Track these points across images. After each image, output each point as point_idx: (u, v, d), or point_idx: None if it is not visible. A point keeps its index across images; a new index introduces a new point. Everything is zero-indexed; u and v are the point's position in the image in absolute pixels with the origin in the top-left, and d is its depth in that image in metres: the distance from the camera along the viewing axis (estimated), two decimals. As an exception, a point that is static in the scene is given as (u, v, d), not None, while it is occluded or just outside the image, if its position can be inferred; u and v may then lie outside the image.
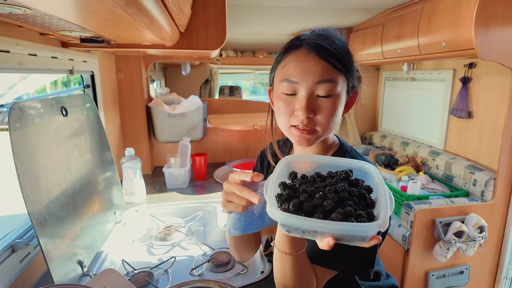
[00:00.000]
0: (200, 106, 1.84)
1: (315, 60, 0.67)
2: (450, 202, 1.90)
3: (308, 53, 0.67)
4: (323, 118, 0.69)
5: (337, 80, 0.68)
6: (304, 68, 0.67)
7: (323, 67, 0.67)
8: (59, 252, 0.79)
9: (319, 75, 0.66)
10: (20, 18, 0.66)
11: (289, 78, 0.68)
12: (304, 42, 0.69)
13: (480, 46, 1.59)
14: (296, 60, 0.68)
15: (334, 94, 0.68)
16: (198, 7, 1.12)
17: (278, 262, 0.64)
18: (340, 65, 0.68)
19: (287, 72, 0.69)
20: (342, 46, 0.70)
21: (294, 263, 0.62)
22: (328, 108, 0.68)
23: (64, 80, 1.79)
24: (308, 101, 0.67)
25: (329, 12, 2.44)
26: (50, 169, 0.83)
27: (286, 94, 0.70)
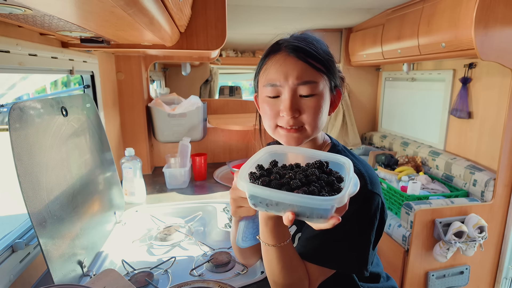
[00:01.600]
0: (200, 106, 1.84)
1: (294, 62, 0.68)
2: (450, 202, 1.90)
3: (287, 55, 0.69)
4: (309, 117, 0.70)
5: (318, 80, 0.69)
6: (285, 70, 0.68)
7: (302, 68, 0.68)
8: (59, 252, 0.79)
9: (299, 77, 0.68)
10: (20, 18, 0.66)
11: (272, 82, 0.70)
12: (283, 46, 0.70)
13: (480, 46, 1.59)
14: (276, 63, 0.69)
15: (316, 93, 0.69)
16: (198, 7, 1.12)
17: (265, 255, 0.65)
18: (320, 65, 0.69)
19: (268, 76, 0.70)
20: (320, 47, 0.71)
21: (280, 255, 0.63)
22: (313, 107, 0.69)
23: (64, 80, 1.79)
24: (291, 102, 0.68)
25: (329, 12, 2.44)
26: (50, 169, 0.83)
27: (270, 97, 0.71)
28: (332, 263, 0.68)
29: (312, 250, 0.68)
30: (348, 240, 0.67)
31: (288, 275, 0.65)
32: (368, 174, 0.70)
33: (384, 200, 0.72)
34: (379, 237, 0.73)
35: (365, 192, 0.67)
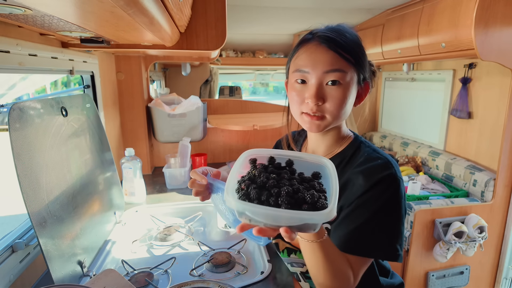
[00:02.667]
0: (200, 107, 1.84)
1: (325, 51, 0.71)
2: (450, 202, 1.90)
3: (319, 45, 0.71)
4: (332, 105, 0.72)
5: (346, 70, 0.71)
6: (314, 58, 0.71)
7: (332, 57, 0.70)
8: (59, 253, 0.79)
9: (328, 65, 0.70)
10: (20, 18, 0.66)
11: (300, 68, 0.73)
12: (316, 35, 0.73)
13: (480, 46, 1.59)
14: (307, 51, 0.73)
15: (342, 82, 0.71)
16: (198, 8, 1.12)
17: (308, 253, 0.66)
18: (350, 56, 0.71)
19: (299, 62, 0.74)
20: (352, 39, 0.73)
21: (322, 249, 0.64)
22: (337, 96, 0.71)
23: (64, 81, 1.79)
24: (317, 89, 0.71)
25: (329, 12, 2.44)
26: (50, 169, 0.83)
27: (298, 83, 0.74)
28: (375, 252, 0.70)
29: (354, 242, 0.69)
30: (385, 227, 0.70)
31: (332, 269, 0.66)
32: (384, 161, 0.73)
33: (401, 176, 0.75)
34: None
35: (393, 179, 0.70)
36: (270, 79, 5.49)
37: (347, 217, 0.71)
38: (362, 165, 0.73)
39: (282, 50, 3.90)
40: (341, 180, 0.74)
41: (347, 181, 0.74)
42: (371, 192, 0.69)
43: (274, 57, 3.93)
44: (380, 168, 0.71)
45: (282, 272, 0.94)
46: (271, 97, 9.21)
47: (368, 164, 0.73)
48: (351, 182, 0.73)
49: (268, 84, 6.77)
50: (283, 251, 0.89)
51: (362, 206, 0.70)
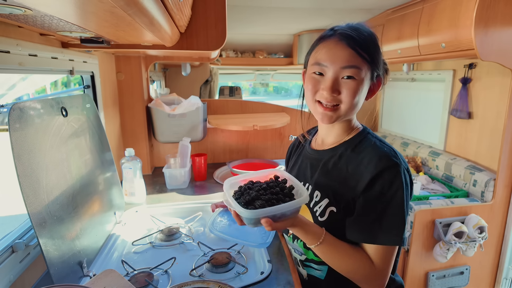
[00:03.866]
0: (200, 107, 1.84)
1: (344, 48, 0.76)
2: (450, 202, 1.90)
3: (339, 41, 0.77)
4: (346, 97, 0.78)
5: (361, 67, 0.76)
6: (333, 54, 0.77)
7: (350, 54, 0.76)
8: (59, 253, 0.79)
9: (345, 61, 0.76)
10: (20, 18, 0.66)
11: (320, 62, 0.78)
12: (337, 32, 0.78)
13: (480, 46, 1.59)
14: (327, 47, 0.78)
15: (357, 78, 0.77)
16: (198, 8, 1.12)
17: (321, 255, 0.80)
18: (366, 54, 0.76)
19: (318, 56, 0.79)
20: (370, 38, 0.79)
21: (327, 249, 0.77)
22: (351, 89, 0.77)
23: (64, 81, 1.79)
24: (333, 82, 0.77)
25: (329, 12, 2.44)
26: (50, 169, 0.83)
27: (316, 74, 0.80)
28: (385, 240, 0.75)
29: (368, 233, 0.76)
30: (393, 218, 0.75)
31: (346, 262, 0.77)
32: (390, 149, 0.78)
33: (408, 166, 0.79)
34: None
35: (399, 167, 0.75)
36: (270, 79, 5.49)
37: (360, 212, 0.77)
38: (369, 153, 0.78)
39: (282, 50, 3.90)
40: (348, 166, 0.82)
41: (354, 169, 0.80)
42: (379, 181, 0.74)
43: (274, 57, 3.93)
44: (385, 156, 0.76)
45: (282, 272, 0.94)
46: (271, 97, 9.21)
47: (374, 152, 0.78)
48: (358, 170, 0.78)
49: (268, 84, 6.76)
50: (290, 236, 0.95)
51: (373, 200, 0.75)
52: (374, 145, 0.80)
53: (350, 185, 0.79)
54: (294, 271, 0.96)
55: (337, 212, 0.81)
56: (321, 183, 0.86)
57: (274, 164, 1.82)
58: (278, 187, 0.81)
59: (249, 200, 0.76)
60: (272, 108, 2.27)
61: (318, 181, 0.87)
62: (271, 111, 2.27)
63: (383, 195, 0.74)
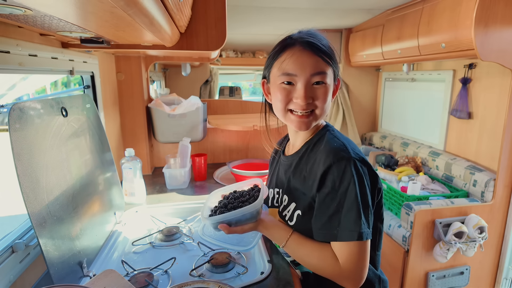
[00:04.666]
0: (200, 107, 1.84)
1: (310, 56, 0.79)
2: (450, 202, 1.90)
3: (303, 49, 0.79)
4: (320, 102, 0.81)
5: (327, 71, 0.80)
6: (302, 62, 0.79)
7: (316, 61, 0.79)
8: (59, 253, 0.79)
9: (314, 68, 0.79)
10: (20, 18, 0.66)
11: (288, 72, 0.80)
12: (298, 41, 0.80)
13: (480, 46, 1.59)
14: (293, 56, 0.79)
15: (325, 82, 0.80)
16: (198, 8, 1.12)
17: (291, 255, 0.85)
18: (328, 58, 0.80)
19: (286, 66, 0.80)
20: (327, 43, 0.83)
21: (294, 248, 0.82)
22: (322, 93, 0.80)
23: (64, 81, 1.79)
24: (306, 90, 0.79)
25: (329, 12, 2.44)
26: (50, 169, 0.83)
27: (285, 84, 0.81)
28: (344, 236, 0.74)
29: (326, 232, 0.77)
30: (350, 211, 0.74)
31: (311, 260, 0.80)
32: (340, 144, 0.80)
33: (363, 157, 0.78)
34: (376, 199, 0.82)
35: (347, 160, 0.75)
36: (270, 79, 5.47)
37: (318, 211, 0.79)
38: (321, 150, 0.81)
39: (282, 51, 3.89)
40: (307, 165, 0.84)
41: (310, 168, 0.82)
42: (329, 177, 0.75)
43: (274, 57, 3.92)
44: (333, 151, 0.77)
45: (282, 273, 0.94)
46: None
47: (325, 149, 0.80)
48: (313, 169, 0.81)
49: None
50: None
51: (326, 197, 0.77)
52: (327, 141, 0.82)
53: (308, 185, 0.81)
54: (293, 271, 0.96)
55: (303, 215, 0.83)
56: (289, 187, 0.89)
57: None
58: (248, 195, 0.91)
59: (217, 209, 0.89)
60: (272, 108, 2.27)
61: (287, 186, 0.90)
62: (271, 111, 2.27)
63: (335, 191, 0.75)
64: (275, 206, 0.96)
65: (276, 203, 0.96)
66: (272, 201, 0.98)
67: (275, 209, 0.95)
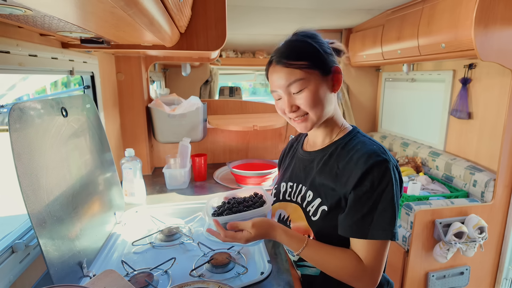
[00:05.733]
0: (200, 107, 1.84)
1: (280, 70, 0.82)
2: (450, 203, 1.90)
3: (275, 66, 0.83)
4: (306, 106, 0.82)
5: (303, 76, 0.80)
6: (276, 79, 0.83)
7: (287, 72, 0.81)
8: (58, 253, 0.79)
9: (286, 80, 0.81)
10: (20, 19, 0.66)
11: (272, 90, 0.86)
12: (272, 59, 0.85)
13: (480, 47, 1.59)
14: (271, 75, 0.85)
15: (306, 86, 0.81)
16: (198, 8, 1.12)
17: (308, 260, 0.83)
18: (302, 62, 0.80)
19: (270, 84, 0.87)
20: (301, 45, 0.83)
21: (312, 254, 0.81)
22: (305, 98, 0.81)
23: (64, 81, 1.79)
24: (288, 101, 0.83)
25: (329, 13, 2.44)
26: (50, 169, 0.83)
27: (277, 100, 0.88)
28: (377, 234, 0.76)
29: (359, 229, 0.77)
30: (384, 213, 0.76)
31: (331, 261, 0.80)
32: (379, 146, 0.81)
33: (397, 163, 0.81)
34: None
35: (388, 164, 0.77)
36: (270, 79, 5.47)
37: (351, 208, 0.78)
38: (358, 150, 0.81)
39: (282, 51, 3.89)
40: (339, 163, 0.84)
41: (344, 166, 0.82)
42: (368, 177, 0.76)
43: (274, 57, 3.92)
44: (375, 153, 0.78)
45: (282, 273, 0.94)
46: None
47: (364, 149, 0.80)
48: (348, 167, 0.80)
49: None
50: None
51: (363, 196, 0.77)
52: (364, 143, 0.83)
53: (341, 182, 0.81)
54: (293, 271, 0.96)
55: (328, 211, 0.83)
56: (314, 183, 0.88)
57: (274, 164, 1.82)
58: (252, 201, 0.94)
59: (221, 210, 0.91)
60: (272, 109, 2.27)
61: (311, 181, 0.89)
62: (271, 111, 2.27)
63: (373, 190, 0.76)
64: (286, 199, 0.95)
65: (288, 197, 0.95)
66: (284, 194, 0.97)
67: (287, 203, 0.95)
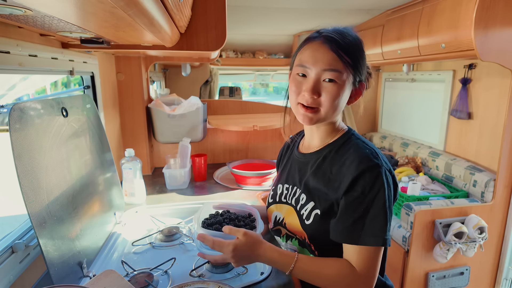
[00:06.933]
0: (200, 107, 1.84)
1: (326, 51, 0.77)
2: (450, 203, 1.90)
3: (322, 44, 0.78)
4: (326, 100, 0.78)
5: (343, 71, 0.77)
6: (316, 56, 0.78)
7: (332, 57, 0.77)
8: (58, 253, 0.79)
9: (327, 64, 0.77)
10: (20, 19, 0.66)
11: (303, 63, 0.80)
12: (321, 35, 0.79)
13: (480, 47, 1.59)
14: (311, 48, 0.79)
15: (338, 82, 0.77)
16: (198, 8, 1.12)
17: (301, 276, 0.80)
18: (349, 58, 0.77)
19: (302, 58, 0.81)
20: (354, 43, 0.79)
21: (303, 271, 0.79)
22: (331, 92, 0.78)
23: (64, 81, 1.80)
24: (314, 84, 0.78)
25: (329, 13, 2.44)
26: (50, 170, 0.83)
27: (299, 75, 0.81)
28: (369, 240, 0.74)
29: (351, 234, 0.76)
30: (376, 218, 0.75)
31: (325, 273, 0.78)
32: (371, 150, 0.79)
33: (390, 167, 0.79)
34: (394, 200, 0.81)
35: (380, 168, 0.76)
36: (270, 79, 5.49)
37: (343, 213, 0.77)
38: (351, 154, 0.80)
39: (282, 51, 3.90)
40: (332, 167, 0.83)
41: (337, 170, 0.80)
42: (360, 182, 0.75)
43: (274, 57, 3.93)
44: (367, 158, 0.77)
45: (282, 273, 0.94)
46: (271, 98, 9.21)
47: (356, 153, 0.79)
48: (340, 171, 0.79)
49: (268, 84, 6.77)
50: (283, 237, 0.94)
51: (354, 201, 0.76)
52: (356, 146, 0.81)
53: (333, 187, 0.80)
54: None
55: (321, 215, 0.81)
56: (307, 186, 0.87)
57: (274, 165, 1.82)
58: (244, 223, 0.95)
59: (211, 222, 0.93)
60: (272, 109, 2.27)
61: (305, 184, 0.88)
62: (271, 112, 2.27)
63: (365, 196, 0.75)
64: (282, 201, 0.95)
65: (284, 199, 0.95)
66: (280, 196, 0.97)
67: (282, 205, 0.95)
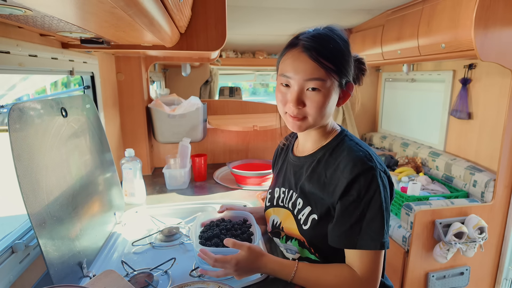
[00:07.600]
0: (200, 107, 1.84)
1: (306, 60, 0.75)
2: (450, 203, 1.90)
3: (301, 52, 0.75)
4: (311, 109, 0.77)
5: (326, 78, 0.75)
6: (297, 66, 0.76)
7: (312, 67, 0.74)
8: (58, 253, 0.79)
9: (308, 74, 0.75)
10: (20, 19, 0.66)
11: (284, 73, 0.78)
12: (300, 42, 0.77)
13: (479, 47, 1.59)
14: (291, 58, 0.77)
15: (322, 90, 0.76)
16: (198, 8, 1.12)
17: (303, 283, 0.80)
18: (331, 64, 0.75)
19: (283, 68, 0.79)
20: (335, 46, 0.76)
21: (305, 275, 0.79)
22: (316, 101, 0.76)
23: (64, 81, 1.80)
24: (298, 94, 0.77)
25: (329, 13, 2.44)
26: (50, 170, 0.83)
27: (283, 86, 0.80)
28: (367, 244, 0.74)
29: (348, 239, 0.75)
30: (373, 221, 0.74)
31: (326, 279, 0.78)
32: (365, 153, 0.78)
33: (385, 168, 0.78)
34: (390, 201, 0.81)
35: (375, 171, 0.75)
36: (270, 79, 5.49)
37: (339, 218, 0.77)
38: (344, 157, 0.78)
39: (282, 51, 3.89)
40: (326, 171, 0.82)
41: (331, 174, 0.80)
42: (355, 186, 0.74)
43: (274, 57, 3.93)
44: (360, 161, 0.76)
45: (282, 273, 0.94)
46: (271, 98, 9.20)
47: (349, 156, 0.78)
48: (335, 175, 0.78)
49: (268, 84, 6.77)
50: (282, 238, 0.94)
51: (350, 205, 0.75)
52: (350, 149, 0.79)
53: (328, 191, 0.79)
54: None
55: (319, 220, 0.81)
56: (303, 190, 0.87)
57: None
58: (240, 230, 0.96)
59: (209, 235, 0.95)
60: (272, 109, 2.27)
61: (300, 188, 0.88)
62: (271, 112, 2.27)
63: (360, 199, 0.74)
64: (279, 205, 0.95)
65: (281, 203, 0.95)
66: (277, 200, 0.97)
67: (280, 209, 0.95)
